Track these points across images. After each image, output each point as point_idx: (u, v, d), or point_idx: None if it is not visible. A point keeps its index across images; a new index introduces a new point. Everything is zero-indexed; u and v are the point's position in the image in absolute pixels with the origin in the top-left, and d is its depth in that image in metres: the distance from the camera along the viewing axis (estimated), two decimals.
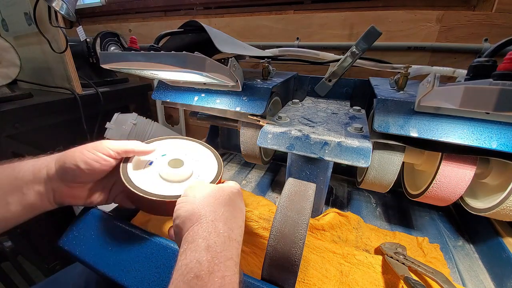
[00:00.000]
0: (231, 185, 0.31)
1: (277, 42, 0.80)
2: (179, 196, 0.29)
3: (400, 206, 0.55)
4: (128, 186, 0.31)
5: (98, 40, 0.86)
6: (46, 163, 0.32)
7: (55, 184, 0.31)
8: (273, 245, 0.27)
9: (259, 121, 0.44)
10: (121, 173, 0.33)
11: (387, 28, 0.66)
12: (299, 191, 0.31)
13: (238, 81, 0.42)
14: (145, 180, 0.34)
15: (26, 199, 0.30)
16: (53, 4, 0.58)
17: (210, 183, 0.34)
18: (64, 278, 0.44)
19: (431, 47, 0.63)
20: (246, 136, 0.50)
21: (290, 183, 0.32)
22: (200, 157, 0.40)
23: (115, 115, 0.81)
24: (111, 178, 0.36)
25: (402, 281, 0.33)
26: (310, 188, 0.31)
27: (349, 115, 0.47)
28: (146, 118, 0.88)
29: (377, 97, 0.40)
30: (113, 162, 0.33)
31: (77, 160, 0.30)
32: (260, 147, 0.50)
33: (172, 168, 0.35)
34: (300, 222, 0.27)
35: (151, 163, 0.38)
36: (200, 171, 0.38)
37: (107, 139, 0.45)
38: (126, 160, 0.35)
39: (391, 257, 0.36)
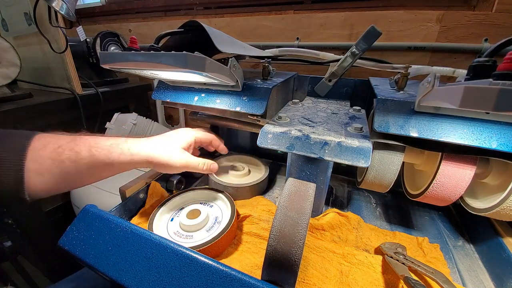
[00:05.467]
0: None
1: (277, 42, 0.80)
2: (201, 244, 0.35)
3: (400, 206, 0.55)
4: None
5: (98, 40, 0.86)
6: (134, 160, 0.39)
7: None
8: (273, 245, 0.26)
9: (259, 121, 0.44)
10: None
11: (387, 28, 0.66)
12: (299, 191, 0.31)
13: (238, 81, 0.42)
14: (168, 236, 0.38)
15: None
16: (53, 4, 0.58)
17: (227, 222, 0.39)
18: (71, 283, 0.45)
19: (431, 47, 0.63)
20: None
21: (290, 183, 0.32)
22: (213, 202, 0.46)
23: (115, 115, 0.81)
24: None
25: (402, 281, 0.33)
26: (310, 188, 0.31)
27: (349, 115, 0.47)
28: (146, 118, 0.88)
29: (377, 97, 0.40)
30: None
31: (165, 163, 0.40)
32: None
33: (190, 219, 0.40)
34: (300, 222, 0.27)
35: (172, 219, 0.43)
36: (216, 214, 0.43)
37: None
38: (152, 220, 0.40)
39: (391, 257, 0.36)
